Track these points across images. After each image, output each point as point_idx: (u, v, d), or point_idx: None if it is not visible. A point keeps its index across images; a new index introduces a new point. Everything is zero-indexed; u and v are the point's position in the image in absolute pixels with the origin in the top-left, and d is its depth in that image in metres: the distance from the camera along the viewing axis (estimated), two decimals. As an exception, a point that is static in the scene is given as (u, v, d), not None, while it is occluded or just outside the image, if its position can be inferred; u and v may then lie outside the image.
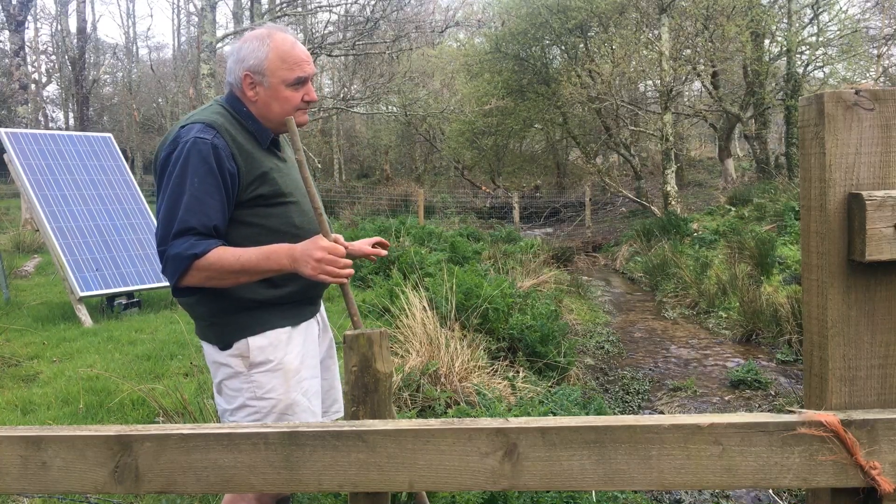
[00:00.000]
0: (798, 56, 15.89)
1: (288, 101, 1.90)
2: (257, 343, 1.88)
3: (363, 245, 2.22)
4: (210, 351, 1.95)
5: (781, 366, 5.79)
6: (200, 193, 1.79)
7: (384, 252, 2.24)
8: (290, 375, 1.90)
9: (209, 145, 1.80)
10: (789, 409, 1.08)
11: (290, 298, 1.92)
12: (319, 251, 1.75)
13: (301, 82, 1.91)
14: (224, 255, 1.78)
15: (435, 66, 23.35)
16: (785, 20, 16.11)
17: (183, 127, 1.86)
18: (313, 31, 20.34)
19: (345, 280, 1.82)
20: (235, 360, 1.89)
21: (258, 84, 1.90)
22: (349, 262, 1.82)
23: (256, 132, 1.92)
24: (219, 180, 1.81)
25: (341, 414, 2.22)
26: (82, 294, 6.54)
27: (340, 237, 1.86)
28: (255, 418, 1.89)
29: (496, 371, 4.52)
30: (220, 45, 13.67)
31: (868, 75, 17.30)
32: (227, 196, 1.83)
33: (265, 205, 1.88)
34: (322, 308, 2.19)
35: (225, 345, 1.90)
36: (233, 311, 1.88)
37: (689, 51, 15.63)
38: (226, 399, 1.95)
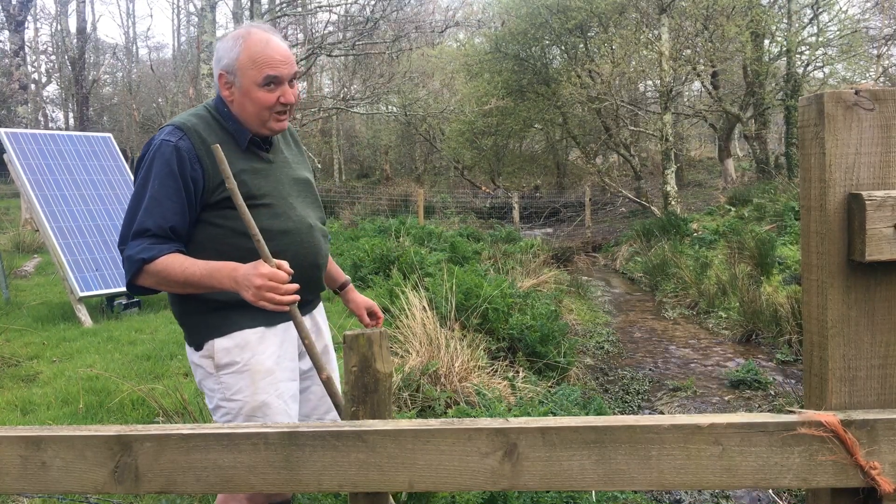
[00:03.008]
0: (798, 56, 15.90)
1: (260, 101, 1.87)
2: (222, 345, 1.87)
3: (362, 309, 2.27)
4: (188, 351, 1.98)
5: (781, 366, 5.79)
6: (160, 196, 1.81)
7: (376, 322, 2.29)
8: (258, 377, 1.87)
9: (172, 148, 1.82)
10: (789, 409, 1.08)
11: None
12: (259, 278, 1.70)
13: (273, 82, 1.87)
14: (172, 263, 1.78)
15: (435, 66, 23.33)
16: (785, 20, 16.11)
17: (161, 129, 1.90)
18: (313, 31, 20.33)
19: (285, 308, 1.74)
20: (206, 362, 1.90)
21: (232, 84, 1.89)
22: (293, 287, 1.73)
23: (235, 133, 1.91)
24: (179, 183, 1.81)
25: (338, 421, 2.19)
26: (82, 294, 6.54)
27: (285, 263, 1.75)
28: (228, 419, 1.89)
29: (496, 371, 4.53)
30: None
31: (868, 75, 17.30)
32: (188, 199, 1.83)
33: (233, 207, 1.83)
34: (319, 309, 2.16)
35: (196, 346, 1.92)
36: (200, 312, 1.89)
37: (688, 51, 15.63)
38: (207, 398, 1.97)
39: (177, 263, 1.79)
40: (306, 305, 2.05)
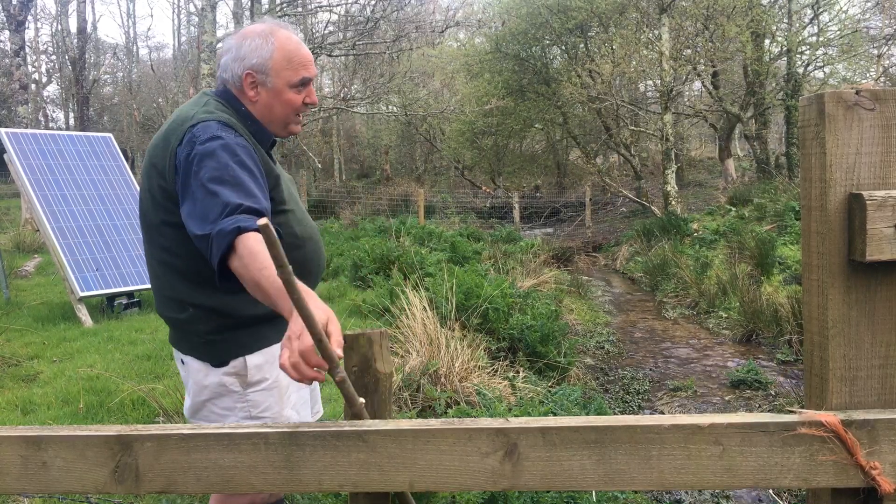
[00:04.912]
0: (798, 56, 15.89)
1: (290, 103, 1.80)
2: (255, 361, 1.79)
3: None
4: (197, 368, 1.80)
5: (781, 366, 5.78)
6: (241, 179, 1.60)
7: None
8: (283, 392, 1.84)
9: (234, 141, 1.66)
10: (790, 409, 1.08)
11: None
12: (296, 343, 1.23)
13: (305, 84, 1.81)
14: (263, 251, 1.41)
15: (435, 66, 23.35)
16: (785, 20, 16.11)
17: (195, 126, 1.67)
18: (313, 30, 20.33)
19: (308, 383, 1.28)
20: (230, 379, 1.79)
21: (260, 84, 1.78)
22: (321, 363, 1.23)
23: (256, 133, 1.79)
24: (254, 172, 1.65)
25: (321, 414, 2.20)
26: (82, 294, 6.53)
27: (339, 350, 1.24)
28: None
29: (496, 371, 4.52)
30: (220, 44, 13.67)
31: (868, 75, 17.30)
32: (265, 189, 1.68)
33: (272, 211, 1.74)
34: None
35: (220, 362, 1.79)
36: (232, 328, 1.78)
37: (689, 51, 15.62)
38: (217, 418, 1.82)
39: (266, 255, 1.39)
40: None
